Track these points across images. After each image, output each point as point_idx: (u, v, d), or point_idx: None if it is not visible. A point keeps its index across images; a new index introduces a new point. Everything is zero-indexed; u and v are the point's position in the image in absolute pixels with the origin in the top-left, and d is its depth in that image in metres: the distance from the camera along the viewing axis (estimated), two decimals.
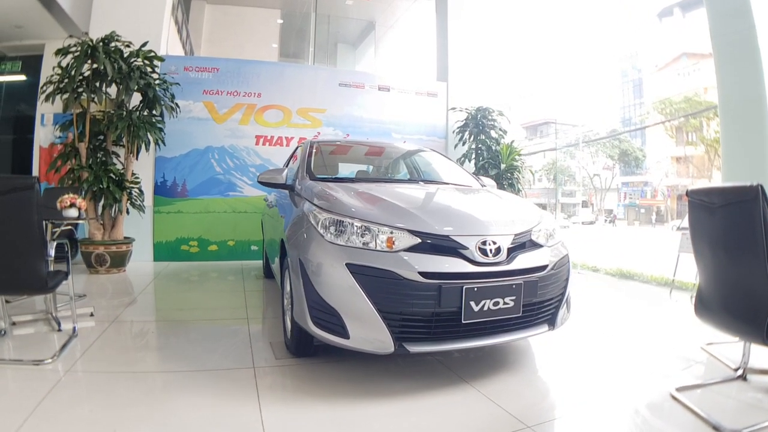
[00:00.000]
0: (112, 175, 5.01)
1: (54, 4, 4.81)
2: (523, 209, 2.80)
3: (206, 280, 5.20)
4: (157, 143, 5.54)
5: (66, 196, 3.38)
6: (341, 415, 2.01)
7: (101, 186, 4.87)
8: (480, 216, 2.51)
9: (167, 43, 6.48)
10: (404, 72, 12.23)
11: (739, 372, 2.41)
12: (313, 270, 2.28)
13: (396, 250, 2.19)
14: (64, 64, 4.76)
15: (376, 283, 2.13)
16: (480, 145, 7.05)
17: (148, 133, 5.17)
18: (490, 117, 7.14)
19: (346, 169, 4.12)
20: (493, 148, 6.98)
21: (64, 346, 2.76)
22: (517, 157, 6.82)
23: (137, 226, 5.84)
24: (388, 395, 2.20)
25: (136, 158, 5.43)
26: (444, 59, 8.04)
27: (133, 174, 5.41)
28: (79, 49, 4.66)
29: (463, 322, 2.15)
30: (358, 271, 2.15)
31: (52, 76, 4.78)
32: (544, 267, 2.41)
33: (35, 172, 5.56)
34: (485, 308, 2.17)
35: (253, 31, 11.54)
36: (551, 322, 2.49)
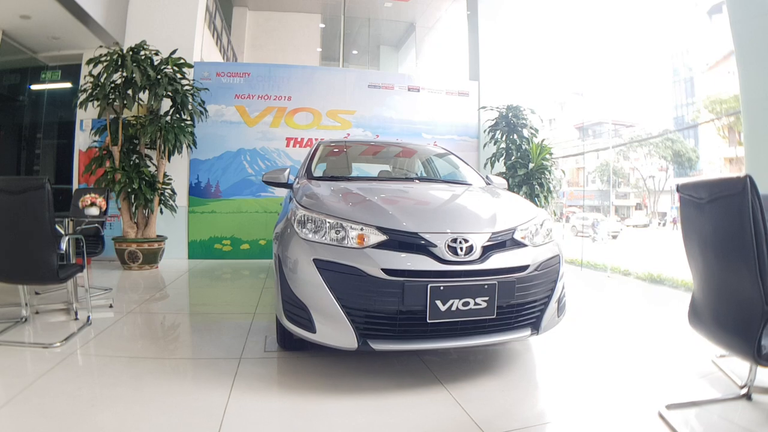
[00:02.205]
0: (144, 176, 5.32)
1: (87, 17, 5.19)
2: (512, 208, 2.70)
3: (231, 278, 5.40)
4: (189, 146, 5.81)
5: (87, 195, 3.64)
6: (303, 407, 2.03)
7: (133, 187, 5.19)
8: (457, 214, 2.44)
9: (201, 50, 6.79)
10: (444, 72, 12.12)
11: (744, 390, 2.15)
12: (288, 266, 2.33)
13: (363, 247, 2.18)
14: (95, 72, 5.11)
15: (340, 278, 2.13)
16: (510, 145, 6.85)
17: (178, 137, 5.43)
18: (521, 115, 6.91)
19: (353, 168, 4.15)
20: (523, 147, 6.76)
21: (74, 333, 2.99)
22: (547, 156, 6.56)
23: (173, 226, 6.17)
24: (357, 391, 2.19)
25: (168, 161, 5.73)
26: (475, 57, 7.89)
27: (165, 176, 5.72)
28: (108, 58, 4.99)
29: (429, 321, 2.09)
30: (324, 267, 2.17)
31: (84, 84, 5.15)
32: (524, 267, 2.29)
33: (75, 174, 6.00)
34: (453, 308, 2.10)
35: (296, 36, 11.86)
36: (535, 326, 2.36)
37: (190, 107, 5.63)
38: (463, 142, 7.47)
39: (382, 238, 2.20)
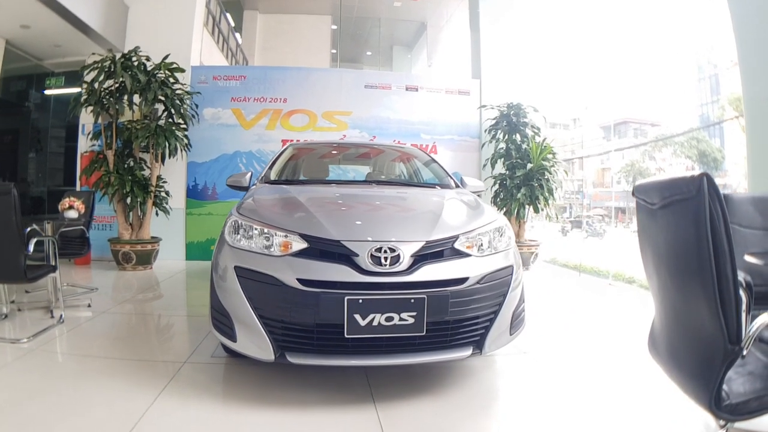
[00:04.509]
0: (136, 179, 5.47)
1: (86, 26, 5.35)
2: (462, 214, 2.58)
3: None
4: (183, 149, 5.93)
5: (66, 199, 3.75)
6: (220, 417, 2.02)
7: (126, 190, 5.33)
8: (391, 220, 2.36)
9: (200, 55, 6.91)
10: (456, 71, 11.99)
11: None
12: (218, 272, 2.31)
13: (283, 255, 2.13)
14: (88, 79, 5.27)
15: (258, 287, 2.10)
16: (510, 145, 6.70)
17: (169, 140, 5.54)
18: (522, 114, 6.75)
19: (323, 171, 4.14)
20: (523, 147, 6.60)
21: (43, 331, 3.11)
22: (549, 156, 6.38)
23: (171, 228, 6.28)
24: (283, 404, 2.15)
25: (162, 164, 5.86)
26: (477, 55, 7.74)
27: (159, 178, 5.84)
28: (100, 65, 5.15)
29: (347, 336, 2.00)
30: (242, 275, 2.14)
31: (81, 90, 5.32)
32: (462, 280, 2.14)
33: (78, 176, 6.19)
34: (375, 323, 1.99)
35: (307, 37, 11.94)
36: (478, 345, 2.20)
37: (182, 111, 5.73)
38: (464, 143, 7.35)
39: (304, 245, 2.14)
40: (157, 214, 5.90)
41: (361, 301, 1.99)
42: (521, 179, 6.35)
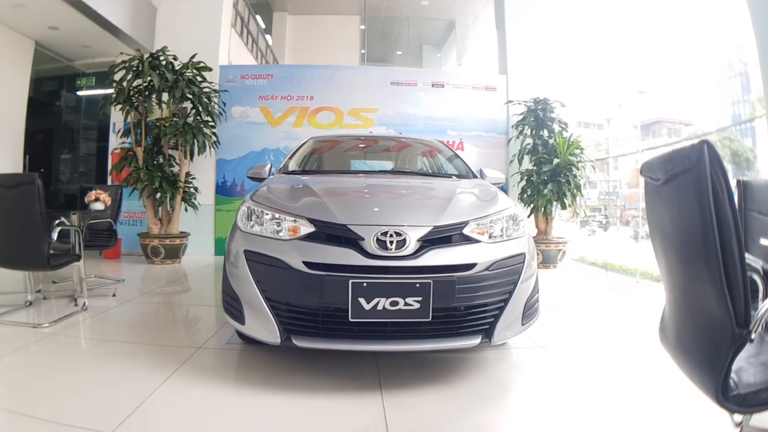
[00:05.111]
0: (165, 175, 5.62)
1: (114, 27, 5.54)
2: (473, 201, 2.51)
3: None
4: (212, 146, 6.06)
5: (92, 192, 3.87)
6: (225, 400, 2.03)
7: (155, 186, 5.48)
8: (399, 206, 2.33)
9: (228, 55, 7.05)
10: (486, 69, 11.82)
11: (737, 430, 1.56)
12: (230, 258, 2.35)
13: (291, 239, 2.14)
14: (117, 77, 5.46)
15: (265, 270, 2.11)
16: (537, 140, 6.53)
17: (196, 137, 5.67)
18: (549, 109, 6.57)
19: (342, 162, 4.14)
20: (550, 142, 6.42)
21: (66, 317, 3.22)
22: (576, 151, 6.18)
23: (201, 223, 6.43)
24: (291, 389, 2.14)
25: (191, 160, 5.99)
26: (503, 50, 7.59)
27: (188, 174, 5.98)
28: (128, 64, 5.33)
29: (351, 320, 1.98)
30: (251, 258, 2.16)
31: (111, 91, 5.52)
32: (470, 266, 2.09)
33: (109, 173, 6.40)
34: (380, 308, 1.96)
35: (336, 37, 12.04)
36: (488, 334, 2.14)
37: (210, 109, 5.87)
38: (491, 139, 7.21)
39: (311, 229, 2.14)
40: (186, 209, 6.04)
41: (365, 284, 1.97)
42: (548, 175, 6.17)
